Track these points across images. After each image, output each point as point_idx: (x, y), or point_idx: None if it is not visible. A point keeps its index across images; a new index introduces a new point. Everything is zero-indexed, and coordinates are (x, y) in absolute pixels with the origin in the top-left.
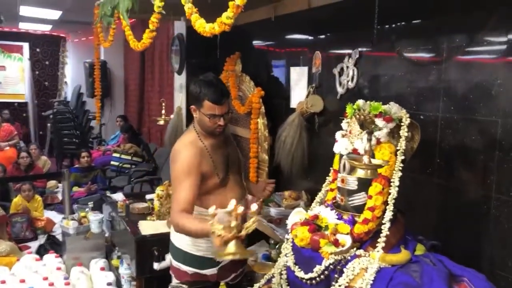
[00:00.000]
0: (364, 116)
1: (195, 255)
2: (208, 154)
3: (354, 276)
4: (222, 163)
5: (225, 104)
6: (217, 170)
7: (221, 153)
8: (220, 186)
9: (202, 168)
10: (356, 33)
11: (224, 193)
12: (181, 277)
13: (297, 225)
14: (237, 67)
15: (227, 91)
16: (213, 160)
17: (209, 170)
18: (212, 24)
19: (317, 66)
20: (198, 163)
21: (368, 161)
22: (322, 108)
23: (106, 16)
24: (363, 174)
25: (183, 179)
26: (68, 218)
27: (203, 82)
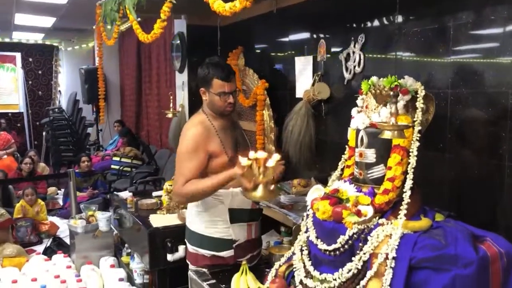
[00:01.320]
0: (380, 91)
1: (212, 237)
2: (216, 134)
3: (379, 243)
4: (231, 143)
5: (233, 82)
6: (225, 149)
7: (229, 134)
8: (229, 166)
9: (209, 147)
10: (362, 17)
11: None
12: (198, 261)
13: (317, 200)
14: (240, 61)
15: (233, 70)
16: (221, 139)
17: (218, 149)
18: (232, 3)
19: (322, 54)
20: (204, 141)
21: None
22: (328, 95)
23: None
24: (390, 135)
25: (189, 156)
26: (76, 217)
27: (210, 63)
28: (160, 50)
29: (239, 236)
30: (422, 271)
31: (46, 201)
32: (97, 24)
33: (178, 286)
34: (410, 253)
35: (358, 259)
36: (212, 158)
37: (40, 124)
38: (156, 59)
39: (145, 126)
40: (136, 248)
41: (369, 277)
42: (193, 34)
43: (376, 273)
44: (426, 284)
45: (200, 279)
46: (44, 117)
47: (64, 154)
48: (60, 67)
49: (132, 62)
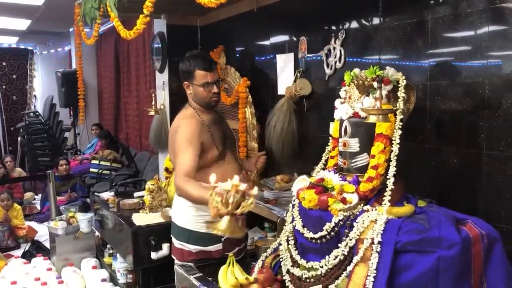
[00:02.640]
0: (363, 81)
1: (200, 232)
2: (207, 127)
3: (364, 228)
4: (220, 136)
5: (215, 72)
6: (215, 143)
7: (218, 128)
8: (219, 159)
9: (202, 139)
10: (342, 14)
11: (223, 167)
12: (184, 257)
13: (303, 189)
14: (221, 60)
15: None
16: (212, 133)
17: (208, 142)
18: None
19: (303, 51)
20: (198, 133)
21: (380, 106)
22: (310, 91)
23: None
24: (375, 119)
25: (186, 147)
26: (56, 219)
27: (190, 56)
28: (139, 51)
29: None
30: (407, 254)
31: (23, 206)
32: (76, 23)
33: (161, 284)
34: (395, 237)
35: (344, 245)
36: (204, 152)
37: (15, 129)
38: (135, 61)
39: (124, 128)
40: (119, 248)
41: (356, 262)
42: (173, 34)
43: (362, 258)
44: (411, 266)
45: (186, 273)
46: (19, 122)
47: (41, 159)
48: (35, 71)
49: (110, 65)
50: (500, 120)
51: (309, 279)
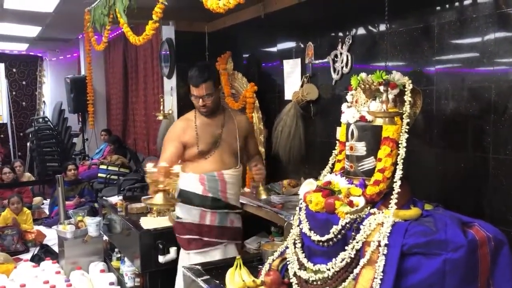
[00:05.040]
0: (369, 85)
1: None
2: (195, 127)
3: (371, 231)
4: (208, 138)
5: (201, 87)
6: (199, 143)
7: (210, 130)
8: (198, 157)
9: (184, 138)
10: (348, 19)
11: (202, 165)
12: None
13: (310, 193)
14: (229, 65)
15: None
16: (198, 134)
17: (191, 141)
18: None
19: (310, 56)
20: (181, 133)
21: (386, 109)
22: (317, 96)
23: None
24: (381, 122)
25: (167, 145)
26: (65, 223)
27: (192, 69)
28: (147, 57)
29: (187, 215)
30: (414, 256)
31: (31, 210)
32: (86, 29)
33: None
34: (402, 239)
35: (351, 248)
36: (186, 148)
37: (24, 134)
38: (143, 67)
39: (132, 134)
40: (127, 251)
41: (362, 265)
42: (181, 40)
43: (369, 261)
44: (417, 269)
45: (194, 276)
46: (28, 127)
47: (50, 164)
48: (45, 77)
49: (118, 71)
50: (506, 124)
51: (316, 282)
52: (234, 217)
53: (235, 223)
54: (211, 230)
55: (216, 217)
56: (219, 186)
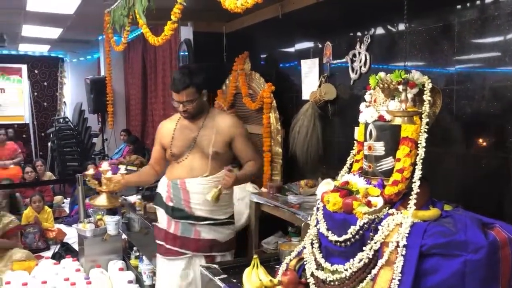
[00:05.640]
0: (388, 85)
1: None
2: (173, 130)
3: (389, 232)
4: (183, 141)
5: (182, 94)
6: (172, 145)
7: (186, 133)
8: (174, 158)
9: (162, 139)
10: (367, 18)
11: (174, 169)
12: None
13: (328, 193)
14: (246, 66)
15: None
16: (173, 136)
17: (166, 143)
18: None
19: (328, 56)
20: (160, 134)
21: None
22: (335, 96)
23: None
24: (400, 122)
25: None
26: (85, 221)
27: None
28: (166, 58)
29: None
30: (433, 257)
31: (52, 209)
32: (106, 31)
33: None
34: (421, 240)
35: (369, 248)
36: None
37: (46, 134)
38: (162, 67)
39: (151, 134)
40: (145, 250)
41: (380, 266)
42: (199, 41)
43: (387, 262)
44: (436, 270)
45: (211, 275)
46: (49, 127)
47: (70, 164)
48: (65, 78)
49: (137, 72)
50: None
51: (333, 282)
52: (202, 229)
53: (203, 235)
54: (175, 239)
55: (179, 226)
56: (181, 194)
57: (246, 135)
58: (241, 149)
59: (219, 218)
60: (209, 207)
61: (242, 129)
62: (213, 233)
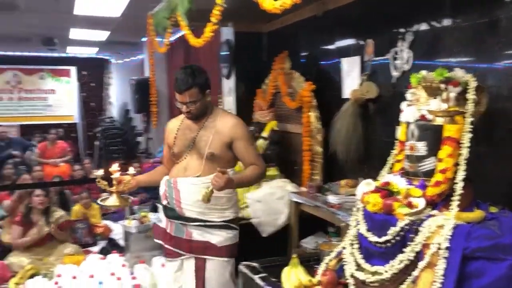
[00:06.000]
0: (430, 83)
1: None
2: (177, 130)
3: (431, 233)
4: (184, 141)
5: (185, 95)
6: (175, 145)
7: (187, 134)
8: (175, 158)
9: (168, 139)
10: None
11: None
12: None
13: (368, 193)
14: (286, 65)
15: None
16: (176, 136)
17: (170, 142)
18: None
19: (369, 54)
20: (166, 134)
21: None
22: (376, 94)
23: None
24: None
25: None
26: (130, 218)
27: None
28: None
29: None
30: (477, 261)
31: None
32: (149, 33)
33: None
34: (464, 243)
35: (410, 250)
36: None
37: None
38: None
39: None
40: None
41: (422, 268)
42: (240, 41)
43: (428, 264)
44: (481, 274)
45: (251, 273)
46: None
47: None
48: (111, 79)
49: None
50: None
51: (373, 284)
52: (193, 230)
53: (195, 236)
54: (171, 239)
55: (173, 226)
56: (173, 194)
57: (248, 138)
58: (242, 151)
59: (212, 220)
60: (200, 209)
61: (244, 131)
62: (206, 235)
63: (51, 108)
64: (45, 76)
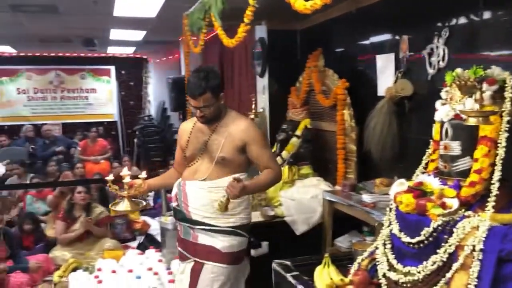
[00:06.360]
0: (465, 82)
1: None
2: (190, 132)
3: (465, 235)
4: (196, 144)
5: (199, 100)
6: (187, 148)
7: (199, 137)
8: (187, 161)
9: (180, 141)
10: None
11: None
12: None
13: (401, 193)
14: (320, 62)
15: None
16: (189, 138)
17: (183, 145)
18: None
19: (404, 51)
20: (179, 136)
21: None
22: (412, 92)
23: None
24: (474, 122)
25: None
26: (166, 214)
27: (192, 75)
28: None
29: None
30: None
31: None
32: (184, 33)
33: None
34: (500, 245)
35: (443, 251)
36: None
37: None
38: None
39: None
40: None
41: (455, 270)
42: (274, 39)
43: (462, 266)
44: None
45: (283, 271)
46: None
47: (154, 159)
48: (149, 78)
49: None
50: None
51: (405, 284)
52: (199, 233)
53: (200, 240)
54: (181, 241)
55: (182, 229)
56: (182, 196)
57: (262, 141)
58: (256, 155)
59: (218, 225)
60: (206, 213)
61: (257, 134)
62: (211, 239)
63: (92, 107)
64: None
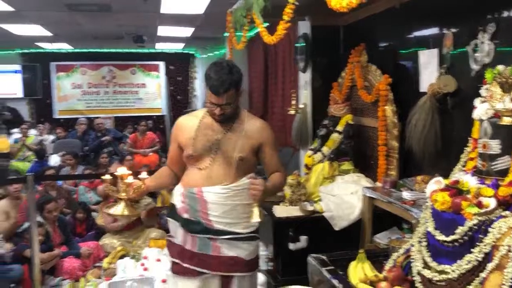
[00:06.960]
0: (506, 79)
1: None
2: (196, 128)
3: (501, 235)
4: (205, 142)
5: (223, 96)
6: (194, 145)
7: (209, 135)
8: (192, 161)
9: (180, 138)
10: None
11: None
12: None
13: (437, 191)
14: (362, 58)
15: (231, 84)
16: (196, 135)
17: (186, 142)
18: None
19: (448, 46)
20: (178, 132)
21: None
22: (455, 88)
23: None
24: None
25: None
26: None
27: (213, 69)
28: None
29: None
30: None
31: None
32: (228, 30)
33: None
34: None
35: (478, 251)
36: (182, 149)
37: None
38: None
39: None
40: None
41: (490, 270)
42: (317, 34)
43: (497, 266)
44: None
45: (319, 265)
46: None
47: None
48: (196, 73)
49: (259, 66)
50: None
51: (440, 282)
52: (223, 244)
53: (224, 251)
54: (193, 257)
55: (197, 242)
56: (198, 205)
57: (274, 143)
58: (268, 157)
59: (241, 232)
60: (228, 219)
61: (272, 136)
62: (235, 249)
63: (142, 101)
64: (136, 71)
